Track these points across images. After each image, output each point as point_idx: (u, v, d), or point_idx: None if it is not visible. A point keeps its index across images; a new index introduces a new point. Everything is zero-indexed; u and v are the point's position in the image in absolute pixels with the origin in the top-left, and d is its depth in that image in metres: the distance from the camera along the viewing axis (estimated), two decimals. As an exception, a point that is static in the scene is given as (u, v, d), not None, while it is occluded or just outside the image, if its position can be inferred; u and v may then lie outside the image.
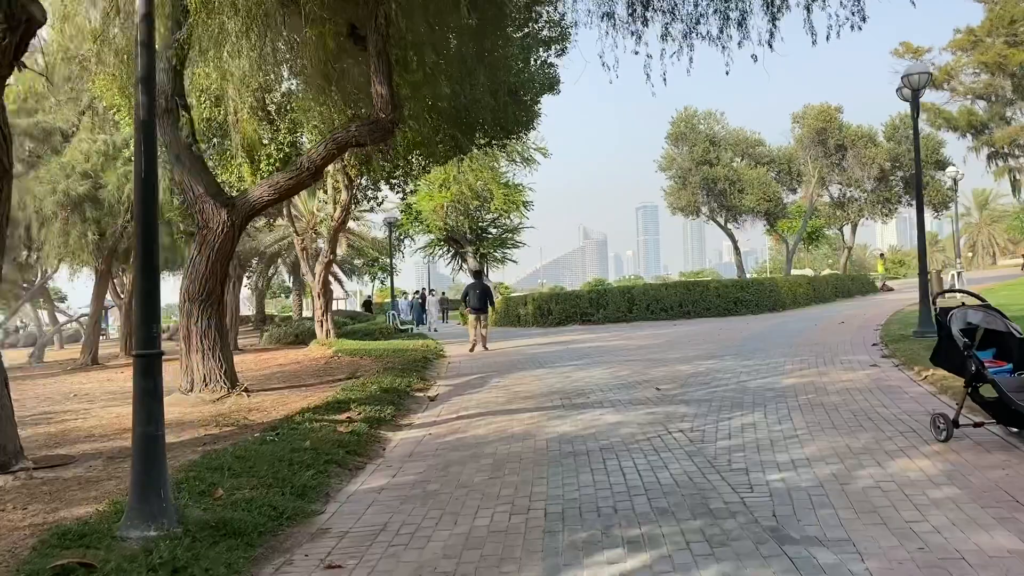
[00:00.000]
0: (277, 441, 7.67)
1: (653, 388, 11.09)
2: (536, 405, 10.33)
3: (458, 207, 41.59)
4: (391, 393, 10.98)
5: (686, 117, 46.10)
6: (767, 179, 43.91)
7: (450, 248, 46.58)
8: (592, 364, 14.79)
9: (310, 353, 20.06)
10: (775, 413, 8.72)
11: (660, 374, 12.65)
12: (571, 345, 19.89)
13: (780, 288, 30.27)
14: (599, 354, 16.82)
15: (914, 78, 15.10)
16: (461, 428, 9.08)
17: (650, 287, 30.08)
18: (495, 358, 17.70)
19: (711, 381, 11.52)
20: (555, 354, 17.56)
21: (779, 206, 45.43)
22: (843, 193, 46.88)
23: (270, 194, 11.44)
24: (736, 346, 16.72)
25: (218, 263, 11.59)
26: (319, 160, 11.26)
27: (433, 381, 13.43)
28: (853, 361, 12.78)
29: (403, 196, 22.84)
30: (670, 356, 15.43)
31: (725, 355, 14.99)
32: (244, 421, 9.45)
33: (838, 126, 44.05)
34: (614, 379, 12.37)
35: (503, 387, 12.36)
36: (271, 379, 14.17)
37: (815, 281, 35.31)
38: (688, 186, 45.72)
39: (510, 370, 14.79)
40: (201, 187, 11.39)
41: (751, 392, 10.27)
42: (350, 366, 15.39)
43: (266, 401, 11.11)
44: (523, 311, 34.25)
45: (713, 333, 20.88)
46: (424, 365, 15.39)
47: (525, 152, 41.22)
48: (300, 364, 16.93)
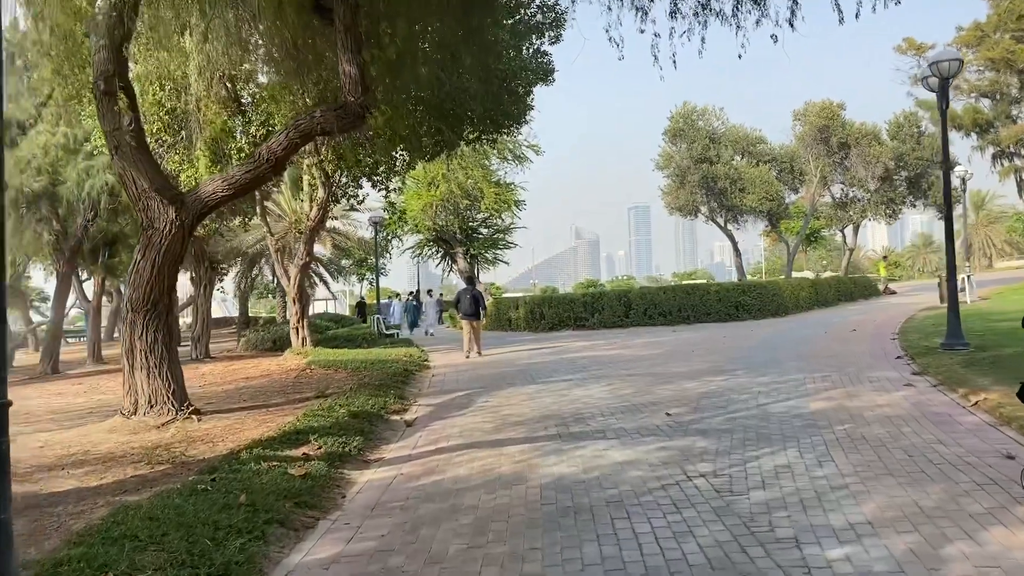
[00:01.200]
0: (210, 491, 6.24)
1: (662, 413, 9.71)
2: (528, 434, 8.93)
3: (447, 206, 40.14)
4: (361, 418, 9.56)
5: (684, 113, 44.52)
6: (769, 177, 42.39)
7: (439, 249, 45.13)
8: (589, 379, 13.39)
9: (284, 363, 18.60)
10: (811, 450, 7.34)
11: (667, 393, 11.27)
12: (565, 354, 18.50)
13: (783, 292, 28.94)
14: (596, 366, 15.43)
15: (943, 65, 13.75)
16: (439, 466, 7.67)
17: (647, 291, 28.70)
18: (483, 370, 16.29)
19: (726, 403, 10.15)
20: (548, 365, 16.17)
21: (782, 206, 43.95)
22: (845, 193, 45.52)
23: (224, 189, 10.00)
24: (745, 358, 15.36)
25: (165, 268, 10.15)
26: (280, 151, 9.84)
27: (412, 400, 12.01)
28: (882, 379, 11.43)
29: (386, 194, 21.42)
30: (674, 370, 14.05)
31: (735, 369, 13.63)
32: (183, 456, 8.02)
33: (841, 123, 42.62)
34: (615, 399, 10.98)
35: (490, 408, 10.96)
36: (232, 397, 12.74)
37: (817, 284, 34.00)
38: (687, 185, 44.15)
39: (499, 385, 13.38)
40: (145, 181, 9.94)
41: (776, 419, 8.90)
42: (322, 381, 13.96)
43: (217, 427, 9.68)
44: (514, 314, 32.85)
45: (717, 341, 19.52)
46: (404, 379, 13.98)
47: (517, 150, 39.84)
48: (269, 377, 15.49)
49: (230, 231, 35.30)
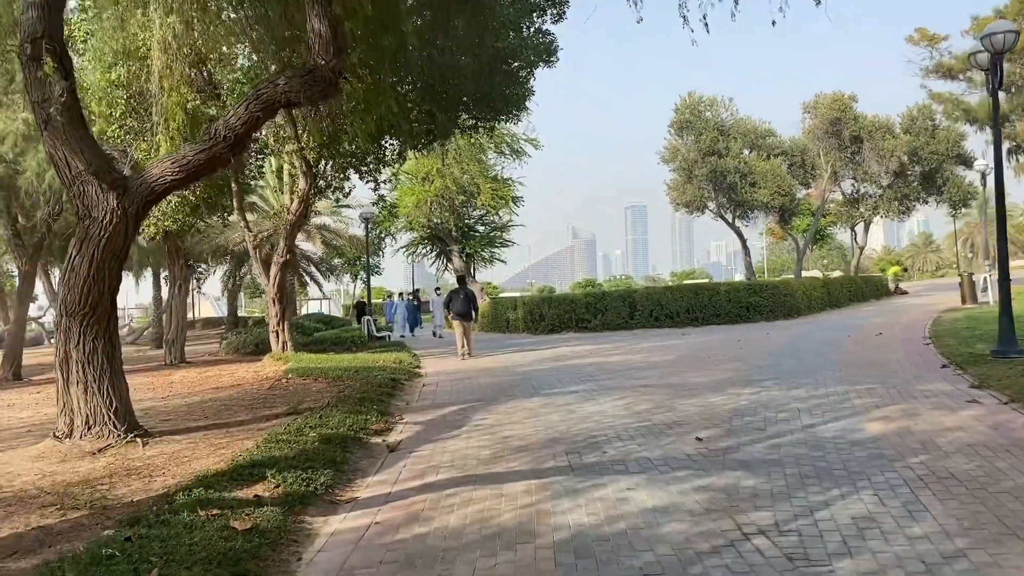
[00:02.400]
0: (117, 559, 4.72)
1: (690, 436, 8.20)
2: (533, 464, 7.41)
3: (442, 202, 38.63)
4: (334, 444, 8.03)
5: (691, 104, 42.69)
6: (781, 171, 40.57)
7: (434, 247, 43.63)
8: (600, 391, 11.88)
9: (262, 370, 17.07)
10: (892, 494, 5.83)
11: (691, 410, 9.77)
12: (569, 360, 16.99)
13: (795, 292, 27.47)
14: (605, 375, 13.92)
15: (997, 39, 12.24)
16: (424, 511, 6.14)
17: (653, 291, 27.19)
18: (480, 378, 14.77)
19: (765, 424, 8.64)
20: (552, 373, 14.66)
21: (794, 201, 42.21)
22: (856, 189, 43.86)
23: (174, 173, 8.46)
24: (769, 365, 13.88)
25: (106, 265, 8.61)
26: (239, 126, 8.31)
27: (398, 417, 10.48)
28: (937, 394, 9.93)
29: (375, 186, 19.92)
30: (694, 380, 12.55)
31: (763, 379, 12.14)
32: (107, 498, 6.48)
33: (853, 116, 41.01)
34: (633, 418, 9.46)
35: (488, 428, 9.43)
36: (193, 412, 11.20)
37: (829, 284, 32.54)
38: (694, 179, 42.28)
39: (497, 398, 11.87)
40: (80, 162, 8.39)
41: (831, 447, 7.39)
42: (297, 393, 12.43)
43: (163, 454, 8.14)
44: (513, 315, 31.36)
45: (733, 346, 18.03)
46: (391, 390, 12.45)
47: (515, 143, 38.35)
48: (240, 387, 13.95)
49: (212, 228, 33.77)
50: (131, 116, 15.73)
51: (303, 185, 17.65)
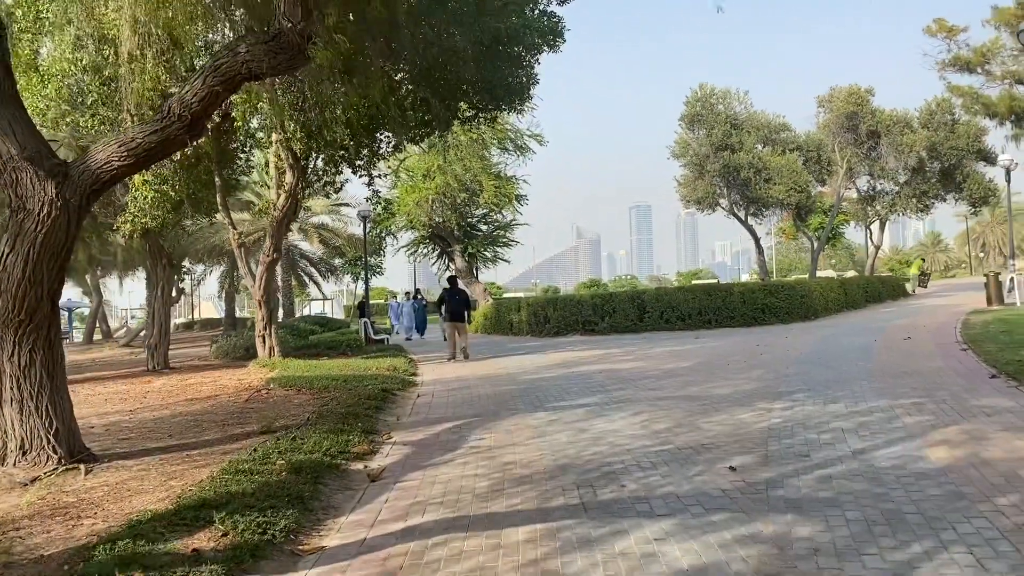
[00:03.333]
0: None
1: (721, 464, 7.01)
2: (538, 502, 6.22)
3: (444, 200, 37.39)
4: (305, 474, 6.84)
5: (703, 96, 41.06)
6: (797, 167, 39.08)
7: (436, 246, 42.41)
8: (612, 405, 10.67)
9: (245, 378, 15.90)
10: (992, 553, 4.63)
11: (718, 429, 8.57)
12: (577, 367, 15.78)
13: (812, 293, 26.21)
14: (616, 384, 12.72)
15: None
16: (406, 569, 4.95)
17: (663, 292, 25.94)
18: (480, 387, 13.58)
19: (807, 449, 7.44)
20: (558, 383, 13.46)
21: (810, 198, 40.71)
22: (872, 186, 42.40)
23: (122, 157, 7.29)
24: (797, 374, 12.66)
25: (44, 265, 7.43)
26: (195, 103, 7.14)
27: (386, 436, 9.28)
28: (999, 410, 8.71)
29: (369, 181, 18.74)
30: (716, 391, 11.35)
31: (793, 390, 10.93)
32: (12, 553, 5.29)
33: (870, 110, 39.61)
34: (652, 439, 8.26)
35: (486, 451, 8.23)
36: (157, 430, 10.01)
37: (846, 284, 31.26)
38: (706, 175, 40.61)
39: (498, 412, 10.68)
40: (13, 145, 7.22)
41: (894, 481, 6.19)
42: (277, 406, 11.25)
43: (104, 487, 6.96)
44: (516, 317, 30.15)
45: (752, 351, 16.81)
46: (381, 403, 11.25)
47: (519, 139, 37.13)
48: (217, 399, 12.77)
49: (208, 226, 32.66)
50: (105, 104, 14.58)
51: (290, 179, 16.46)
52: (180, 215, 18.32)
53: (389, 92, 14.01)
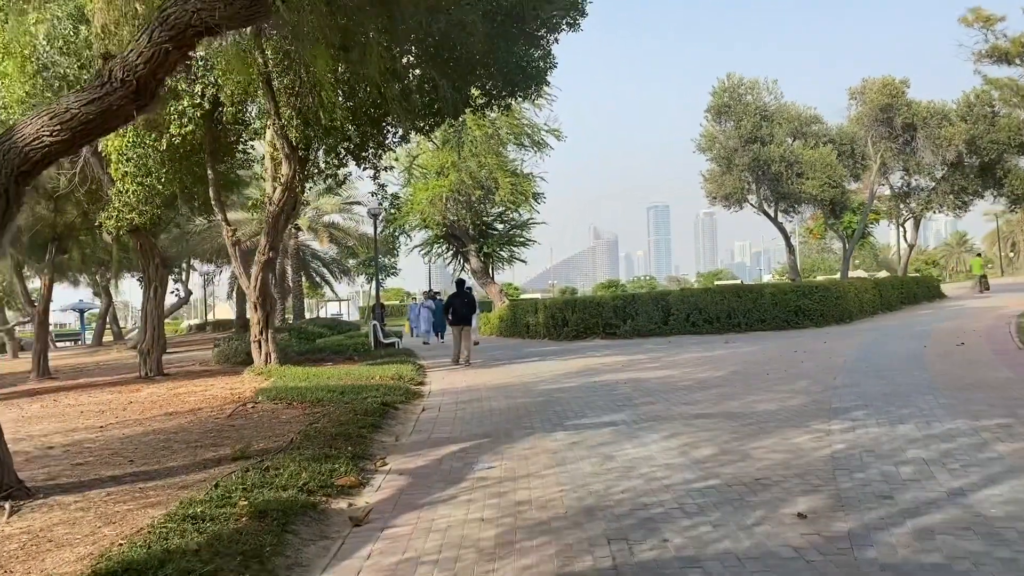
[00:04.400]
0: None
1: (785, 507, 5.65)
2: (559, 562, 4.89)
3: (459, 198, 36.09)
4: (271, 520, 5.54)
5: (730, 86, 39.16)
6: (831, 160, 37.24)
7: (450, 246, 41.11)
8: (641, 423, 9.31)
9: (237, 387, 14.66)
10: None
11: (771, 457, 7.20)
12: (599, 376, 14.43)
13: (847, 294, 24.71)
14: (645, 397, 11.36)
15: None
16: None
17: (689, 292, 24.49)
18: (492, 399, 12.26)
19: (887, 487, 6.06)
20: (579, 395, 12.11)
21: (844, 194, 38.82)
22: (906, 182, 40.51)
23: (54, 132, 6.02)
24: (847, 386, 11.26)
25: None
26: (141, 65, 5.87)
27: (380, 461, 7.96)
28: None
29: (375, 174, 17.42)
30: (759, 406, 9.98)
31: (849, 406, 9.54)
32: None
33: (905, 102, 37.78)
34: (694, 471, 6.90)
35: (496, 485, 6.90)
36: (121, 452, 8.76)
37: (881, 285, 29.68)
38: (734, 169, 38.64)
39: (511, 431, 9.35)
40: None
41: (1018, 538, 4.80)
42: (262, 424, 9.99)
43: (24, 534, 5.69)
44: (532, 320, 28.83)
45: (791, 358, 15.40)
46: (378, 420, 9.93)
47: (536, 134, 35.78)
48: (199, 413, 11.51)
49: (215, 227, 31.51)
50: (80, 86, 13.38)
51: (286, 170, 15.18)
52: (174, 211, 17.12)
53: (391, 73, 12.74)
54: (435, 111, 15.67)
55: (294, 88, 13.49)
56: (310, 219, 39.99)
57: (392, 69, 12.89)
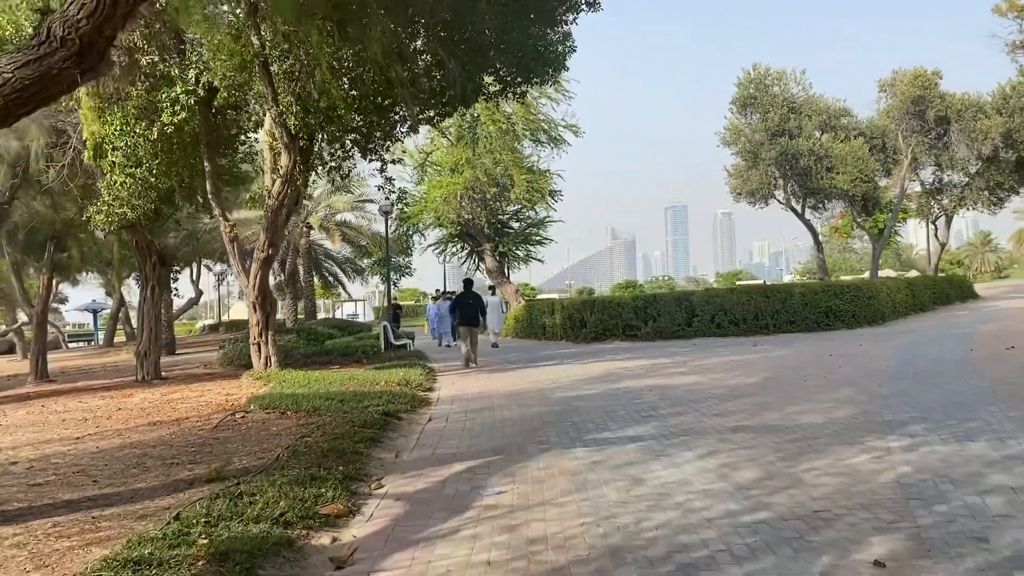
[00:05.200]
0: None
1: (856, 551, 4.65)
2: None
3: (473, 196, 35.15)
4: (233, 564, 4.58)
5: (756, 77, 37.74)
6: (863, 154, 35.86)
7: (465, 245, 40.19)
8: (672, 438, 8.29)
9: (234, 392, 13.76)
10: None
11: (827, 483, 6.18)
12: (621, 382, 13.40)
13: (879, 294, 23.54)
14: (673, 407, 10.33)
15: None
16: None
17: (714, 292, 23.39)
18: (505, 408, 11.27)
19: (978, 524, 5.04)
20: (599, 403, 11.09)
21: (877, 189, 37.31)
22: (938, 178, 39.03)
23: (-19, 99, 5.12)
24: (896, 395, 10.20)
25: None
26: (83, 20, 4.81)
27: (375, 484, 6.99)
28: None
29: (382, 167, 16.45)
30: (803, 418, 8.95)
31: (903, 419, 8.50)
32: None
33: (938, 94, 36.35)
34: (739, 500, 5.88)
35: (506, 516, 5.91)
36: (88, 470, 7.84)
37: (914, 285, 28.45)
38: (760, 163, 37.01)
39: (524, 447, 8.36)
40: None
41: None
42: (249, 435, 9.05)
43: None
44: (549, 321, 27.83)
45: (827, 363, 14.33)
46: (379, 432, 8.97)
47: (553, 130, 34.79)
48: (185, 422, 10.59)
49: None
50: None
51: (286, 161, 14.23)
52: (172, 207, 16.25)
53: (398, 55, 11.78)
54: (445, 100, 14.72)
55: (293, 73, 12.58)
56: (322, 217, 39.17)
57: (398, 51, 11.96)
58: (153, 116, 13.18)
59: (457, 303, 19.16)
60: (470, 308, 18.54)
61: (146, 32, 12.59)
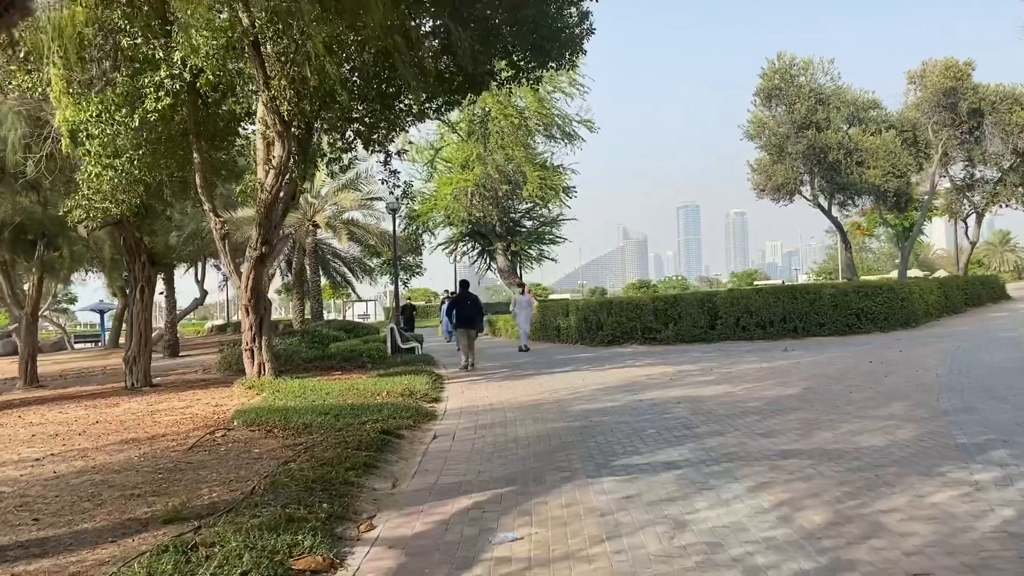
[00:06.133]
0: None
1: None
2: None
3: (484, 193, 34.05)
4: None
5: (781, 67, 36.12)
6: (895, 147, 34.56)
7: (476, 244, 39.11)
8: (713, 464, 7.13)
9: (224, 402, 12.69)
10: None
11: (915, 529, 5.04)
12: (646, 392, 12.24)
13: (912, 295, 22.28)
14: (708, 423, 9.18)
15: None
16: None
17: (739, 293, 22.15)
18: (519, 424, 10.14)
19: None
20: (624, 418, 9.93)
21: (910, 184, 35.74)
22: (969, 174, 37.53)
23: None
24: (962, 410, 9.01)
25: None
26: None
27: (363, 527, 5.87)
28: None
29: (385, 160, 15.33)
30: (862, 440, 7.78)
31: (982, 442, 7.34)
32: None
33: (971, 86, 34.88)
34: (808, 552, 4.73)
35: (523, 573, 4.78)
36: (36, 502, 6.75)
37: (946, 286, 27.14)
38: (786, 158, 35.34)
39: (543, 474, 7.23)
40: None
41: None
42: (226, 459, 7.94)
43: None
44: (563, 322, 26.69)
45: (870, 371, 13.14)
46: (375, 455, 7.85)
47: (567, 125, 33.65)
48: (160, 441, 9.49)
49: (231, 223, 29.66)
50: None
51: (279, 151, 13.12)
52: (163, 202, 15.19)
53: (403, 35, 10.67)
54: (454, 86, 13.61)
55: (286, 54, 11.50)
56: (328, 216, 38.15)
57: (402, 30, 10.86)
58: (136, 103, 12.12)
59: (454, 304, 18.71)
60: (468, 309, 18.10)
61: (128, 12, 11.52)
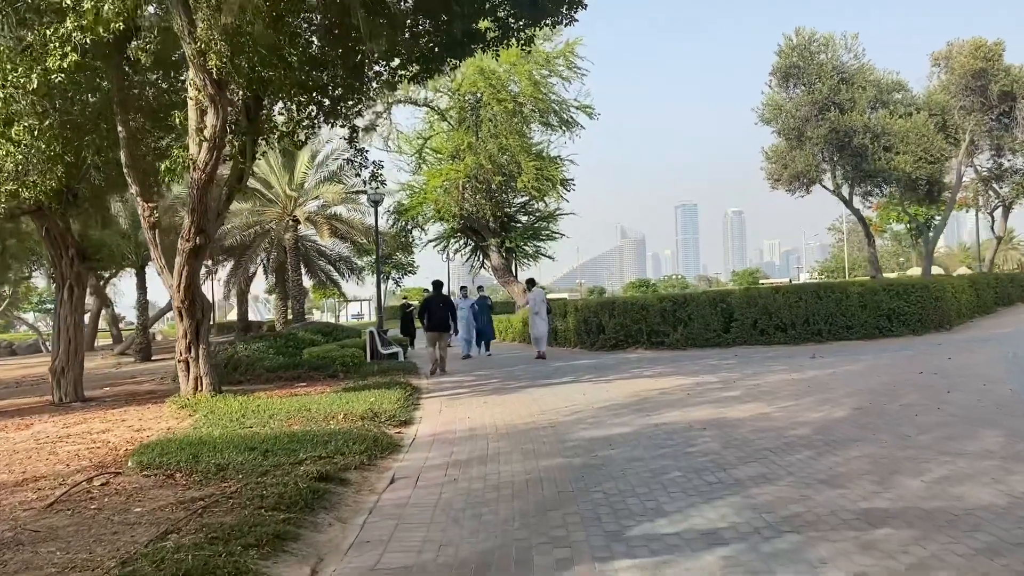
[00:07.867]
0: None
1: None
2: None
3: (477, 185, 31.88)
4: None
5: (800, 44, 33.35)
6: (927, 130, 31.46)
7: (469, 240, 36.95)
8: (773, 537, 4.96)
9: (146, 428, 10.50)
10: None
11: None
12: (660, 413, 10.05)
13: (945, 295, 20.18)
14: (749, 462, 7.01)
15: None
16: None
17: (757, 293, 19.94)
18: (502, 460, 7.99)
19: None
20: (637, 453, 7.77)
21: (943, 172, 33.26)
22: (998, 164, 35.27)
23: None
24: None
25: None
26: None
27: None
28: None
29: (350, 137, 13.13)
30: (968, 493, 5.65)
31: None
32: None
33: (1003, 68, 32.54)
34: None
35: None
36: None
37: (977, 284, 25.03)
38: (806, 143, 32.51)
39: (529, 556, 5.08)
40: None
41: None
42: (92, 524, 5.78)
43: None
44: (561, 325, 24.55)
45: (922, 383, 11.00)
46: (299, 516, 5.68)
47: (564, 111, 31.51)
48: (30, 485, 7.23)
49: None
50: None
51: (212, 120, 10.91)
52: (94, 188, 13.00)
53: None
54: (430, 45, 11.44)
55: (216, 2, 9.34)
56: (310, 211, 36.03)
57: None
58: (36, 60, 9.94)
59: (426, 307, 17.78)
60: (440, 312, 17.44)
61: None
